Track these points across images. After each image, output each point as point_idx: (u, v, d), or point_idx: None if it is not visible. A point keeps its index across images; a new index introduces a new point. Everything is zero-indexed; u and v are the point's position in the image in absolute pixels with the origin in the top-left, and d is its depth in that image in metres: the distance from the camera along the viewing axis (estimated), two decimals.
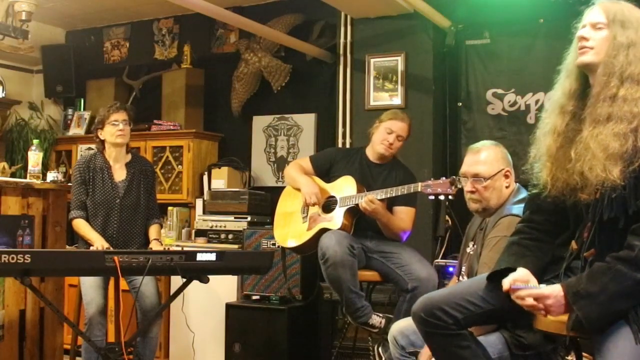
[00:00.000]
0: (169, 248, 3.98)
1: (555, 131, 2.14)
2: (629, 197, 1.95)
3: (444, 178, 3.34)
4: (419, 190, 3.39)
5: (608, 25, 2.08)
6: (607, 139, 1.97)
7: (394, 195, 3.50)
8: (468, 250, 2.88)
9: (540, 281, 2.20)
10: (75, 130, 6.11)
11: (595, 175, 1.97)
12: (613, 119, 1.99)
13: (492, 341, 2.49)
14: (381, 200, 3.54)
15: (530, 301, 2.00)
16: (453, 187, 3.25)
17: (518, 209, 2.59)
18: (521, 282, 2.06)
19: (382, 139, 3.73)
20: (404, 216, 3.71)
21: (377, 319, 3.57)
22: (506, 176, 2.74)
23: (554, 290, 1.98)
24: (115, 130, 3.80)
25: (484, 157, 2.76)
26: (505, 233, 2.52)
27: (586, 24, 2.12)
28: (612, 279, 1.90)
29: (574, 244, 2.15)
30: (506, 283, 2.09)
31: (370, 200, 3.49)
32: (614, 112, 1.99)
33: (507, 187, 2.74)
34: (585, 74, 2.13)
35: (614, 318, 1.93)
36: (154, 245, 3.84)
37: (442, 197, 3.34)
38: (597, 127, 2.00)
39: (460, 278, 2.92)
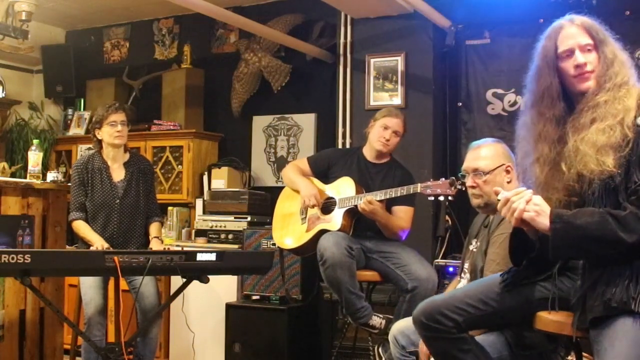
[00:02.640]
0: (169, 248, 3.98)
1: (540, 159, 2.15)
2: (620, 185, 1.97)
3: (443, 179, 3.35)
4: (419, 191, 3.40)
5: (595, 45, 2.10)
6: (594, 137, 2.00)
7: (393, 196, 3.51)
8: (471, 247, 2.89)
9: (535, 281, 2.22)
10: (75, 130, 6.11)
11: (590, 170, 1.99)
12: (597, 120, 2.02)
13: (491, 341, 2.49)
14: (380, 200, 3.54)
15: (520, 202, 2.01)
16: (452, 188, 3.25)
17: None
18: None
19: (379, 136, 3.74)
20: (402, 215, 3.71)
21: (377, 320, 3.57)
22: (507, 172, 2.75)
23: (543, 202, 2.02)
24: (113, 131, 3.79)
25: (484, 153, 2.78)
26: (511, 230, 2.53)
27: (573, 47, 2.10)
28: (596, 223, 1.93)
29: None
30: (498, 188, 2.14)
31: (369, 201, 3.49)
32: (597, 115, 2.03)
33: (508, 182, 2.75)
34: (568, 97, 2.14)
35: (575, 255, 2.02)
36: (154, 243, 3.83)
37: (441, 198, 3.35)
38: (581, 133, 2.03)
39: (462, 275, 2.93)
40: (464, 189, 2.89)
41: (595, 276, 2.01)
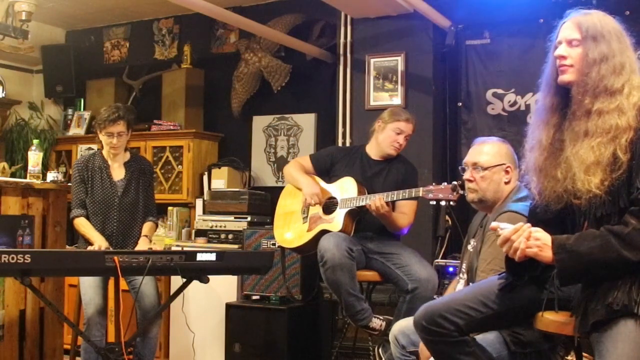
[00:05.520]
0: (169, 248, 3.98)
1: (540, 145, 2.17)
2: (621, 189, 1.97)
3: (445, 183, 3.35)
4: (420, 195, 3.40)
5: (582, 41, 2.09)
6: (585, 154, 2.01)
7: (395, 199, 3.51)
8: (469, 247, 2.90)
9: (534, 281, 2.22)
10: (75, 130, 6.11)
11: (577, 189, 2.01)
12: (590, 134, 2.02)
13: (490, 340, 2.49)
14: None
15: (520, 240, 2.02)
16: (454, 193, 3.25)
17: (517, 207, 2.61)
18: None
19: (392, 140, 3.73)
20: (406, 210, 3.72)
21: (377, 322, 3.56)
22: (506, 172, 2.76)
23: (544, 235, 2.02)
24: (109, 141, 3.81)
25: (486, 149, 2.81)
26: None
27: (562, 40, 2.13)
28: (599, 246, 1.94)
29: None
30: (494, 224, 2.14)
31: (382, 205, 3.48)
32: (590, 127, 2.03)
33: (506, 182, 2.76)
34: (565, 88, 2.15)
35: (585, 281, 2.00)
36: (141, 241, 3.83)
37: (443, 203, 3.35)
38: (576, 145, 2.04)
39: (461, 275, 2.93)
40: (466, 194, 2.89)
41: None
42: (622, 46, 2.09)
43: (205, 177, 5.50)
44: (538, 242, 2.01)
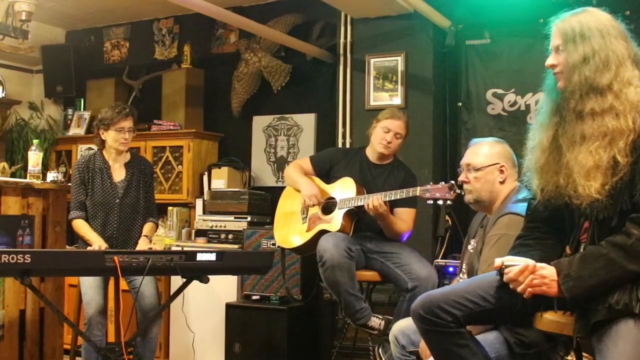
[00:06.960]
0: (169, 248, 3.97)
1: (541, 145, 2.17)
2: (624, 191, 1.97)
3: (442, 183, 3.36)
4: (418, 194, 3.40)
5: (564, 46, 2.09)
6: (584, 159, 2.00)
7: (393, 198, 3.51)
8: (469, 247, 2.89)
9: None
10: (75, 130, 6.12)
11: (578, 195, 2.01)
12: (587, 138, 2.01)
13: (490, 340, 2.48)
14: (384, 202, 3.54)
15: (527, 280, 2.03)
16: (451, 192, 3.26)
17: (517, 208, 2.60)
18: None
19: (381, 138, 3.73)
20: (405, 217, 3.72)
21: (376, 321, 3.56)
22: (501, 171, 2.76)
23: (549, 271, 2.03)
24: (119, 137, 3.81)
25: (480, 150, 2.82)
26: (505, 231, 2.54)
27: (551, 48, 2.14)
28: (603, 267, 1.95)
29: (567, 250, 2.18)
30: (498, 261, 2.12)
31: (380, 205, 3.49)
32: (586, 130, 2.02)
33: (501, 182, 2.76)
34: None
35: (594, 297, 1.99)
36: (141, 241, 3.84)
37: (440, 202, 3.36)
38: (574, 150, 2.04)
39: (461, 275, 2.93)
40: (463, 193, 2.90)
41: None
42: (604, 41, 2.05)
43: (205, 177, 5.50)
44: (545, 279, 2.03)
